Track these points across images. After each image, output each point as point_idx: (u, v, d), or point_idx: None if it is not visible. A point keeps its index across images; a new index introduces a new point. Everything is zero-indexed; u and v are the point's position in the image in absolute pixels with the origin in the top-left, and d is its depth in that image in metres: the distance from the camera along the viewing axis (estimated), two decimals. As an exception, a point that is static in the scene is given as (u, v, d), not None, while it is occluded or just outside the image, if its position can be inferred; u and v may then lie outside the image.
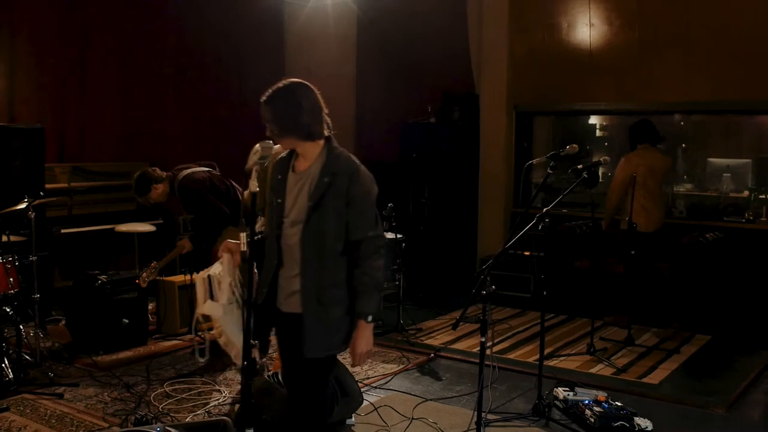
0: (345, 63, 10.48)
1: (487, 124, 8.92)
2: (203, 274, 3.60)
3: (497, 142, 8.82)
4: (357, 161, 3.17)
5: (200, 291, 3.62)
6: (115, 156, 8.68)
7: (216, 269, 3.53)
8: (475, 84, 9.12)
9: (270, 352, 6.13)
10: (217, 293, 3.56)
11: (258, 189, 2.93)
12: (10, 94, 7.81)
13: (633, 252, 6.37)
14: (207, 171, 6.26)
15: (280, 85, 3.17)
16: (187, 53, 9.55)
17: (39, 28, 8.01)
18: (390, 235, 6.70)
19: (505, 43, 8.74)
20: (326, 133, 3.17)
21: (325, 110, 3.18)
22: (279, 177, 3.22)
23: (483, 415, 4.06)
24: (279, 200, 3.17)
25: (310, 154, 3.16)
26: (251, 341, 2.97)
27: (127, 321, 6.27)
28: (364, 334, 3.18)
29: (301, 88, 3.17)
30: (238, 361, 3.14)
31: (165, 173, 6.16)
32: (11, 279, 5.51)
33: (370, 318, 3.16)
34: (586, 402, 4.79)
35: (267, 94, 3.14)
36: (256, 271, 3.13)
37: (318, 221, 3.04)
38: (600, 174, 6.91)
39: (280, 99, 3.13)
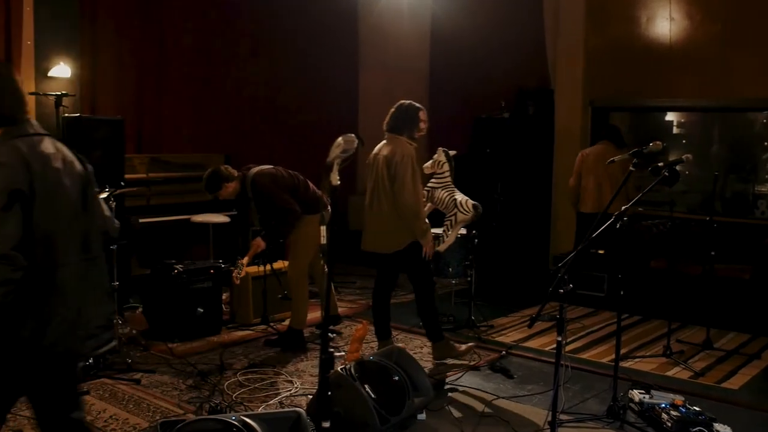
0: (419, 57, 10.48)
1: (562, 120, 8.80)
2: None
3: (572, 138, 8.69)
4: None
5: None
6: (191, 147, 8.86)
7: None
8: (550, 79, 9.00)
9: (341, 345, 6.18)
10: None
11: (339, 182, 2.93)
12: (92, 87, 8.02)
13: (713, 253, 6.20)
14: (275, 167, 6.32)
15: None
16: (261, 48, 9.67)
17: (119, 23, 8.22)
18: (462, 231, 6.66)
19: (581, 37, 8.60)
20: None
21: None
22: None
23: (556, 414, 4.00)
24: None
25: None
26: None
27: (201, 310, 6.39)
28: None
29: None
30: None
31: (236, 172, 6.24)
32: (92, 266, 5.65)
33: None
34: (663, 406, 4.68)
35: None
36: None
37: None
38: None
39: None
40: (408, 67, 10.48)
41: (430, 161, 6.46)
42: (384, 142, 5.67)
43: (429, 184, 6.41)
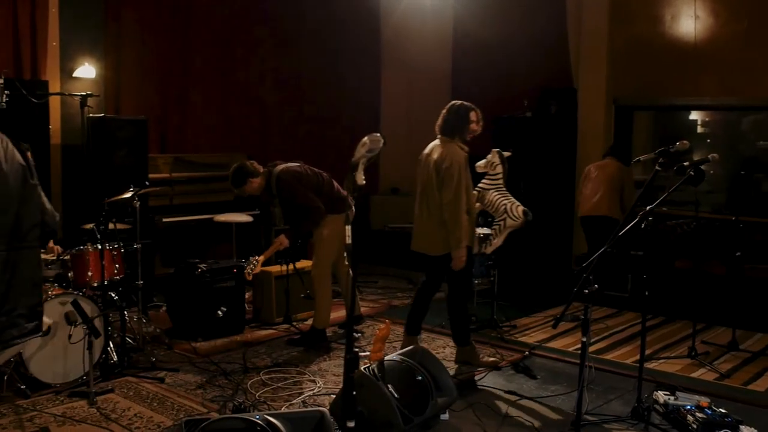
0: (441, 57, 10.48)
1: (585, 119, 8.75)
2: None
3: (595, 138, 8.64)
4: None
5: None
6: (214, 147, 8.92)
7: None
8: (573, 78, 8.95)
9: (363, 344, 6.19)
10: None
11: (364, 181, 2.93)
12: (116, 87, 8.09)
13: (738, 254, 6.14)
14: (300, 164, 6.34)
15: None
16: (284, 48, 9.71)
17: (143, 24, 8.28)
18: (486, 231, 6.64)
19: (605, 35, 8.55)
20: None
21: None
22: None
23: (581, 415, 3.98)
24: None
25: None
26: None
27: (224, 309, 6.41)
28: None
29: None
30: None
31: (262, 168, 6.26)
32: (117, 266, 5.71)
33: None
34: (688, 407, 4.63)
35: None
36: None
37: None
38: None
39: None
40: (430, 66, 10.47)
41: (484, 161, 6.39)
42: (436, 142, 5.64)
43: (480, 185, 6.35)
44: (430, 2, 9.69)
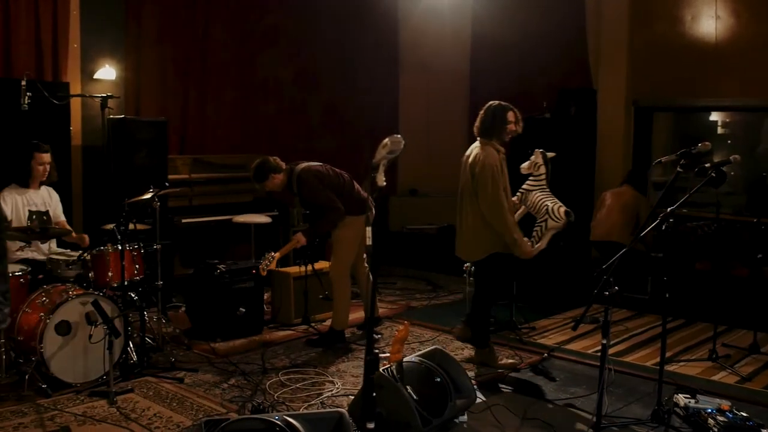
0: (459, 58, 10.48)
1: (604, 120, 8.72)
2: None
3: (615, 139, 8.61)
4: None
5: None
6: (233, 149, 8.95)
7: None
8: (592, 79, 8.91)
9: (382, 346, 6.18)
10: None
11: (385, 183, 2.92)
12: (136, 89, 8.14)
13: (760, 256, 6.09)
14: (323, 165, 6.35)
15: None
16: (303, 50, 9.73)
17: (163, 26, 8.33)
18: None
19: (625, 36, 8.52)
20: None
21: None
22: None
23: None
24: None
25: None
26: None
27: (243, 310, 6.43)
28: None
29: None
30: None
31: (285, 165, 6.28)
32: (137, 266, 5.75)
33: None
34: (709, 411, 4.59)
35: None
36: None
37: None
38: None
39: None
40: (449, 67, 10.47)
41: (527, 162, 6.26)
42: (475, 145, 5.62)
43: (524, 186, 6.24)
44: (448, 3, 9.68)
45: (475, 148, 5.58)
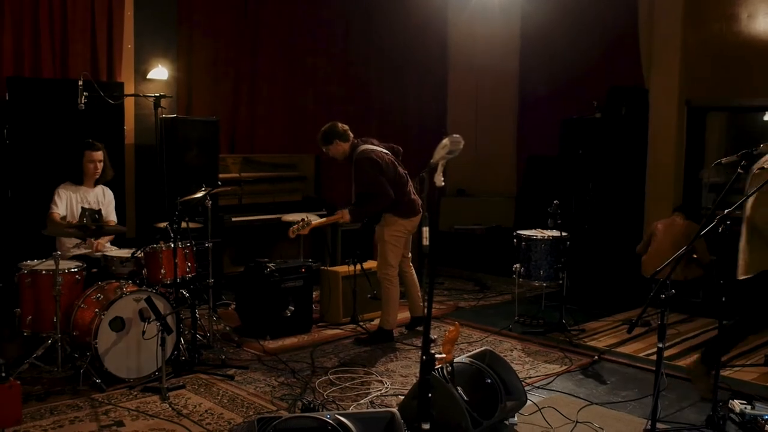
0: (509, 58, 10.42)
1: (656, 120, 8.58)
2: None
3: (667, 139, 8.46)
4: None
5: None
6: (282, 148, 9.01)
7: None
8: (644, 78, 8.78)
9: (431, 346, 6.15)
10: None
11: (443, 183, 2.90)
12: (188, 88, 8.24)
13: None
14: (388, 153, 6.35)
15: None
16: (353, 49, 9.75)
17: (215, 26, 8.42)
18: (554, 233, 6.56)
19: (678, 35, 8.37)
20: None
21: None
22: None
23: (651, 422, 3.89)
24: None
25: None
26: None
27: (293, 308, 6.47)
28: None
29: None
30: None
31: (353, 138, 6.33)
32: (189, 264, 5.81)
33: None
34: (766, 417, 4.50)
35: None
36: None
37: None
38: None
39: None
40: (498, 68, 10.42)
41: None
42: None
43: None
44: (498, 2, 9.63)
45: None
